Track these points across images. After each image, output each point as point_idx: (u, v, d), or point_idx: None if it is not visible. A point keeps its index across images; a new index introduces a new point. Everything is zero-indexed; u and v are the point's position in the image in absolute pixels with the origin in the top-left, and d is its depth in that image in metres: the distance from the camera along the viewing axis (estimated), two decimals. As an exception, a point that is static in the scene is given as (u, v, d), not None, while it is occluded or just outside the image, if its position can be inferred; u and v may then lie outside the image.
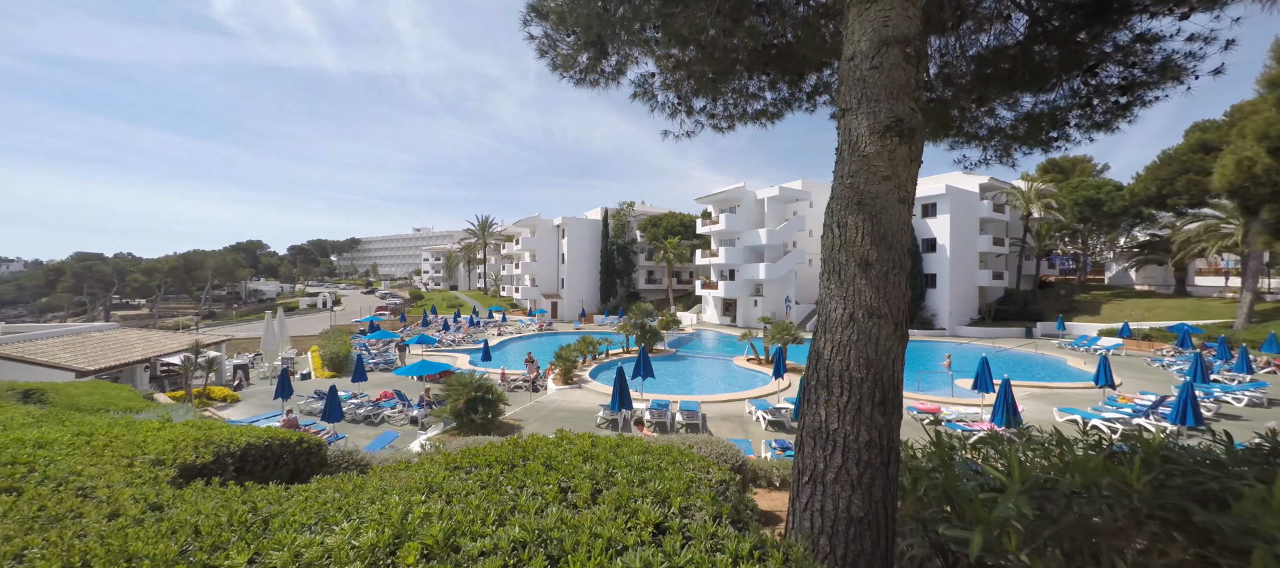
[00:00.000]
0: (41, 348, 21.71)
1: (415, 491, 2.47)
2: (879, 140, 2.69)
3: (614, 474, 2.75)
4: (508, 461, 3.07)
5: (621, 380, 12.54)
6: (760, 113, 7.74)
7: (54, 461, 3.15)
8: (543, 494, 2.45)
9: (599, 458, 3.00)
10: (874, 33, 2.79)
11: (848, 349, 2.64)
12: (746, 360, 26.49)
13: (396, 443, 14.25)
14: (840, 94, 3.02)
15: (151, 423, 4.48)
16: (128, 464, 3.23)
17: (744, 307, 45.52)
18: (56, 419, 5.18)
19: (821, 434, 2.70)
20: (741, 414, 16.42)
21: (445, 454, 3.36)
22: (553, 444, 3.46)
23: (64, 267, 69.56)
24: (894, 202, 2.68)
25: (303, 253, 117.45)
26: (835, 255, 2.78)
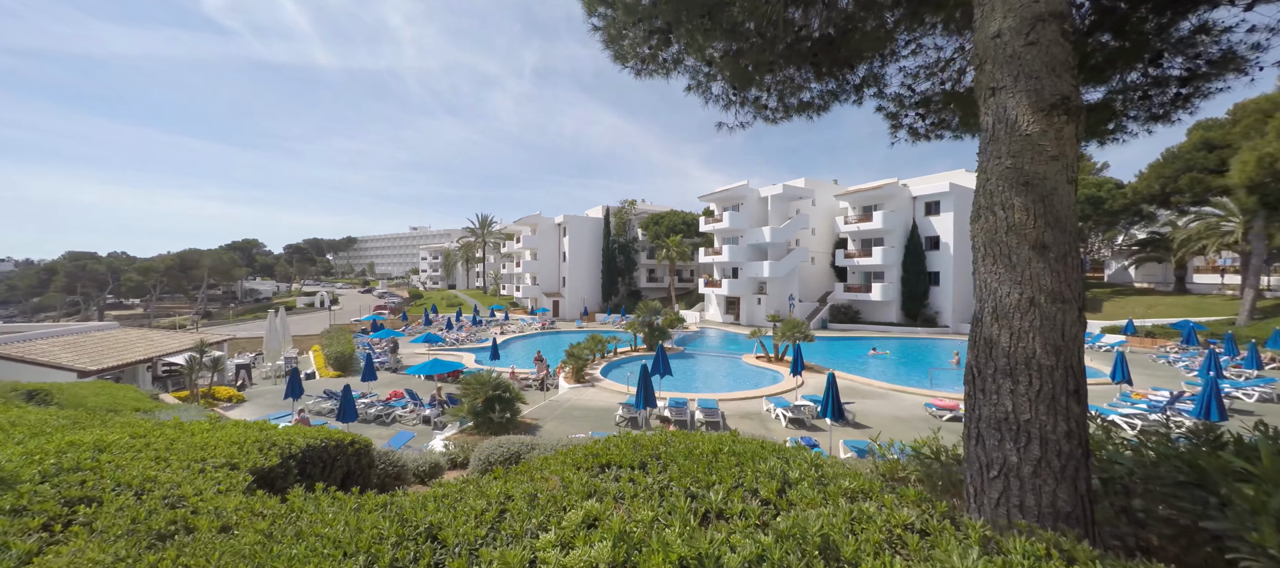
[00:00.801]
0: (41, 348, 21.32)
1: (577, 495, 2.30)
2: (1045, 119, 2.54)
3: (789, 473, 2.58)
4: (633, 461, 2.89)
5: (646, 378, 12.39)
6: (806, 104, 7.60)
7: (121, 466, 2.95)
8: (731, 494, 2.31)
9: (745, 455, 2.83)
10: (1023, 9, 2.65)
11: (1031, 336, 2.50)
12: (755, 358, 26.39)
13: (413, 443, 14.04)
14: (984, 73, 2.87)
15: (201, 424, 4.28)
16: (199, 470, 3.04)
17: (747, 305, 45.46)
18: (90, 421, 4.96)
19: (1010, 425, 2.55)
20: (759, 412, 16.30)
21: (564, 454, 3.19)
22: (664, 443, 3.27)
23: (57, 266, 68.61)
24: (1063, 182, 2.54)
25: (299, 252, 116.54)
26: (1002, 239, 2.63)
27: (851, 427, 14.95)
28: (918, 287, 41.44)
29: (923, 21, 6.18)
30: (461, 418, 14.07)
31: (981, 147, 2.93)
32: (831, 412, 11.27)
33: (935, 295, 41.62)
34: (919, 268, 41.44)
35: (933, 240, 41.88)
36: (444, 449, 10.09)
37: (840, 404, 11.32)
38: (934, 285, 41.68)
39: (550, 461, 3.15)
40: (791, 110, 7.62)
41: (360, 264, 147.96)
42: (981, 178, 2.91)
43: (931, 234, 41.90)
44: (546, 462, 3.11)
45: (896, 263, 42.44)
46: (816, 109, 7.61)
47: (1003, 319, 2.62)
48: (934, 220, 41.84)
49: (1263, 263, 32.15)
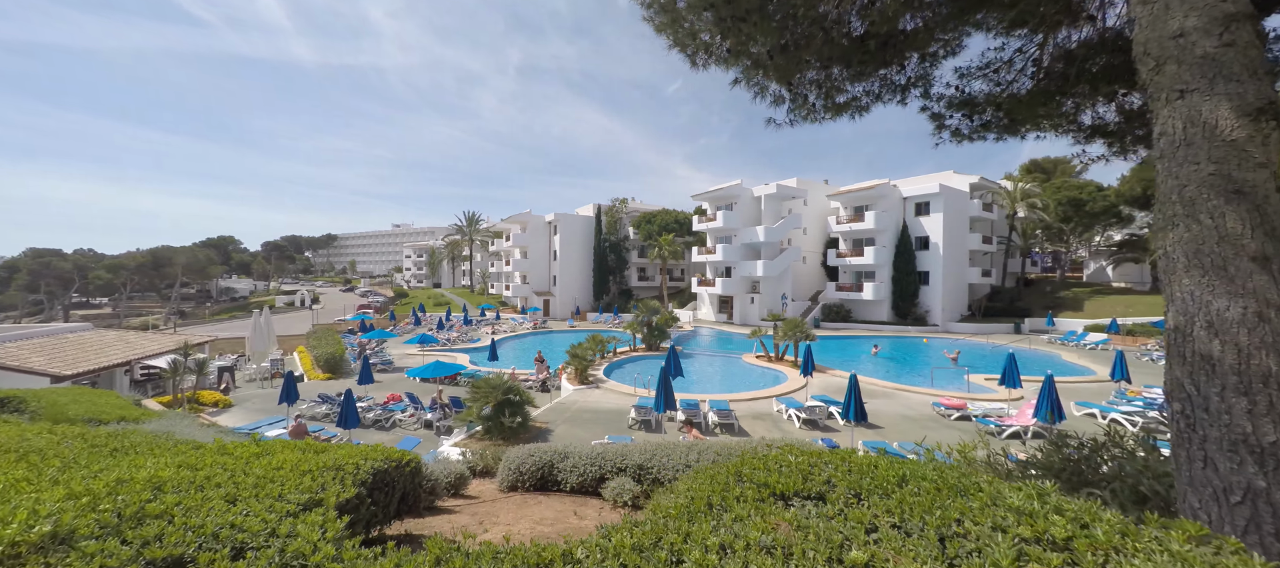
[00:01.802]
0: (10, 351, 20.12)
1: (819, 544, 1.93)
2: (1252, 124, 2.36)
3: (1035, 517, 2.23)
4: (802, 488, 2.57)
5: (666, 380, 12.13)
6: (848, 104, 7.44)
7: (192, 509, 2.52)
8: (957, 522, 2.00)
9: (943, 485, 2.48)
10: (1209, 8, 2.47)
11: (1263, 352, 2.30)
12: (756, 358, 26.35)
13: (419, 449, 13.55)
14: (1164, 74, 2.67)
15: (248, 447, 3.86)
16: (285, 511, 2.62)
17: (741, 304, 45.55)
18: (121, 446, 4.49)
19: (1251, 448, 2.35)
20: (770, 413, 16.19)
21: (706, 477, 2.88)
22: (814, 462, 2.98)
23: (18, 263, 65.34)
24: (1273, 189, 2.37)
25: (277, 250, 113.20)
26: (1212, 249, 2.44)
27: (864, 427, 14.94)
28: (908, 286, 42.02)
29: (977, 20, 6.04)
30: (469, 423, 13.64)
31: (1165, 151, 2.73)
32: (854, 413, 11.19)
33: (925, 294, 42.26)
34: (909, 267, 42.01)
35: (923, 240, 42.49)
36: (462, 457, 9.70)
37: (862, 405, 11.25)
38: (924, 285, 42.31)
39: (697, 485, 2.84)
40: (834, 109, 7.45)
41: (341, 262, 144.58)
42: (1171, 184, 2.71)
43: (922, 234, 42.51)
44: (696, 487, 2.80)
45: (887, 262, 42.95)
46: (860, 109, 7.45)
47: (1224, 334, 2.43)
48: (924, 221, 42.45)
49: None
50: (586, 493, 7.40)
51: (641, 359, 26.53)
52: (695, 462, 7.00)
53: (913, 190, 42.93)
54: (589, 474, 7.33)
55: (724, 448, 7.15)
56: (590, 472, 7.33)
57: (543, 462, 7.59)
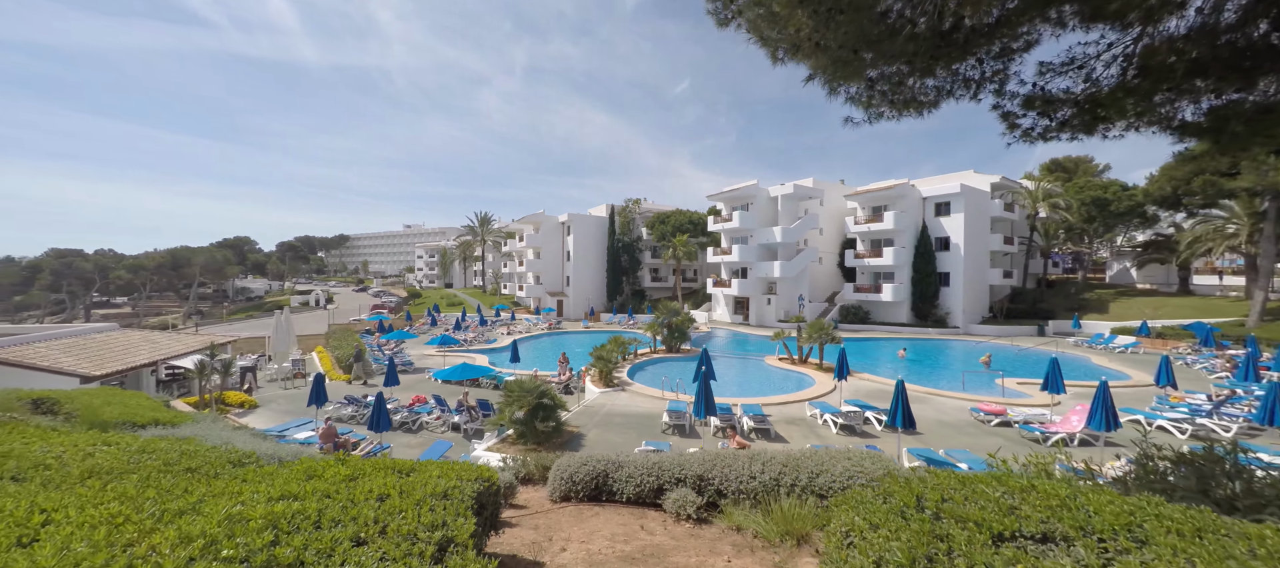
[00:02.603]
0: (41, 351, 20.29)
1: None
2: None
3: None
4: (1025, 528, 2.25)
5: (706, 385, 11.86)
6: (914, 101, 7.16)
7: (322, 552, 2.26)
8: None
9: None
10: None
11: None
12: (778, 360, 26.00)
13: (450, 454, 13.41)
14: None
15: (336, 469, 3.62)
16: (425, 554, 2.36)
17: (757, 305, 45.16)
18: (193, 464, 4.26)
19: None
20: (804, 418, 15.87)
21: (881, 502, 2.61)
22: (1023, 493, 2.69)
23: (41, 263, 66.46)
24: None
25: (291, 250, 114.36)
26: None
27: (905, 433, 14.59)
28: (928, 287, 41.41)
29: (1073, 10, 5.73)
30: (500, 426, 13.47)
31: None
32: (901, 419, 10.87)
33: (945, 296, 41.64)
34: (929, 269, 41.41)
35: (943, 241, 41.87)
36: (503, 464, 9.50)
37: (909, 411, 10.93)
38: (944, 286, 41.70)
39: (875, 519, 2.56)
40: (901, 107, 7.18)
41: (353, 262, 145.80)
42: None
43: (942, 235, 41.89)
44: (879, 525, 2.53)
45: (907, 263, 42.37)
46: (927, 106, 7.17)
47: None
48: (944, 221, 41.82)
49: (1271, 265, 32.44)
50: (644, 504, 7.16)
51: (663, 361, 26.28)
52: (759, 473, 6.75)
53: (932, 190, 42.31)
54: (646, 485, 7.10)
55: (789, 459, 6.87)
56: (647, 482, 7.10)
57: (597, 471, 7.36)
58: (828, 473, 6.35)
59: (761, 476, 6.73)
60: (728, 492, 6.78)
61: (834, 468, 6.42)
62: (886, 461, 6.72)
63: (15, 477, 3.44)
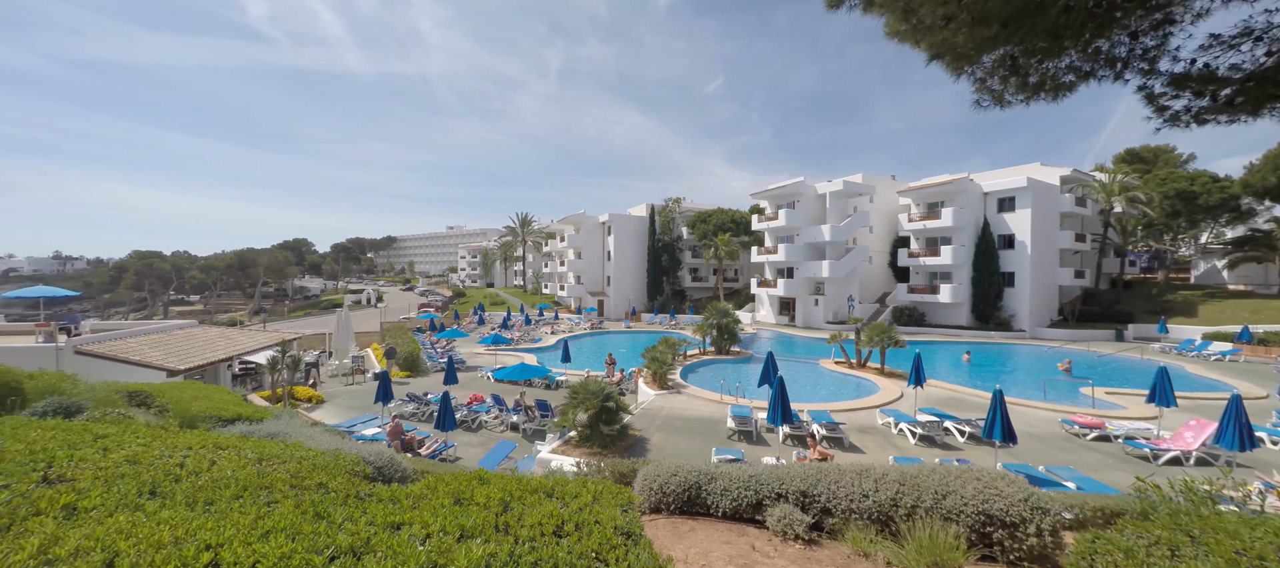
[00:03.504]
0: (132, 346, 21.77)
1: None
2: None
3: None
4: None
5: (782, 392, 11.33)
6: (1041, 84, 6.47)
7: None
8: None
9: None
10: None
11: None
12: (834, 364, 24.99)
13: (513, 456, 13.41)
14: None
15: (488, 491, 3.40)
16: None
17: (804, 306, 43.85)
18: (327, 480, 4.13)
19: None
20: (874, 426, 15.05)
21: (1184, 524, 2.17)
22: None
23: (126, 264, 72.13)
24: None
25: (344, 251, 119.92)
26: None
27: (991, 446, 13.60)
28: (990, 288, 39.08)
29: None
30: (563, 429, 13.37)
31: None
32: (999, 431, 10.00)
33: (1010, 298, 39.19)
34: (991, 268, 39.08)
35: (1006, 239, 39.43)
36: (577, 469, 9.29)
37: (1009, 423, 10.04)
38: (1008, 287, 39.25)
39: None
40: (1033, 90, 6.50)
41: (400, 262, 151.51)
42: None
43: (1005, 232, 39.45)
44: None
45: (966, 263, 40.13)
46: (1063, 89, 6.46)
47: None
48: (1008, 218, 39.36)
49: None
50: (740, 520, 6.77)
51: (713, 363, 25.75)
52: (873, 491, 6.25)
53: (994, 184, 39.88)
54: (744, 499, 6.70)
55: (904, 476, 6.32)
56: (745, 497, 6.70)
57: (689, 482, 7.02)
58: (956, 495, 5.78)
59: (875, 494, 6.22)
60: (836, 510, 6.31)
61: (962, 489, 5.84)
62: (1019, 482, 6.07)
63: (153, 491, 3.35)
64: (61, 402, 9.31)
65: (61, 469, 3.82)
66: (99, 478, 3.49)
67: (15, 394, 10.80)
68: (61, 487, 3.24)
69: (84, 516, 2.68)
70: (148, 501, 3.04)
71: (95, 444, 4.75)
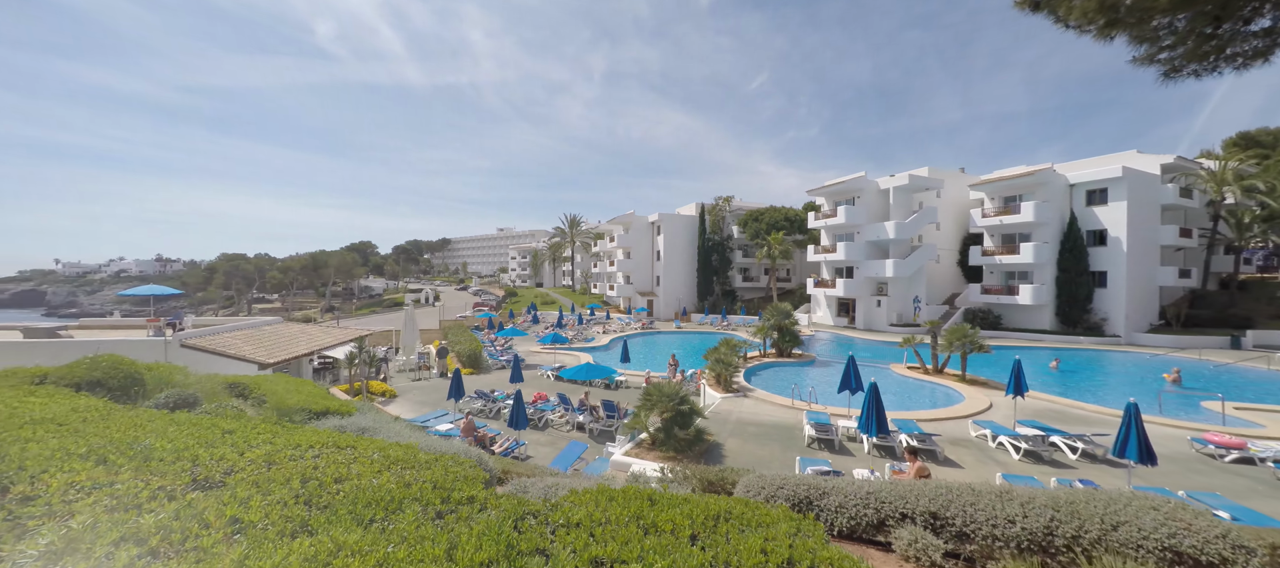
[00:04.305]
0: (227, 341, 23.49)
1: None
2: None
3: None
4: None
5: (876, 399, 10.57)
6: (1224, 46, 5.53)
7: None
8: None
9: None
10: None
11: None
12: (907, 369, 23.51)
13: (585, 457, 13.30)
14: None
15: (686, 508, 3.07)
16: None
17: (865, 307, 41.82)
18: (474, 497, 3.91)
19: None
20: (967, 437, 13.88)
21: None
22: None
23: (216, 266, 78.88)
24: None
25: (404, 252, 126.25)
26: None
27: (1117, 465, 12.20)
28: (1078, 289, 35.79)
29: None
30: (634, 431, 13.13)
31: None
32: (1135, 450, 8.79)
33: (1101, 299, 35.74)
34: (1079, 267, 35.79)
35: (1097, 235, 35.99)
36: (660, 475, 8.96)
37: (1146, 441, 8.80)
38: (1099, 287, 35.81)
39: None
40: (1211, 58, 5.58)
41: (454, 263, 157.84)
42: None
43: (1096, 227, 36.02)
44: None
45: (1049, 261, 36.98)
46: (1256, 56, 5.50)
47: None
48: (1099, 211, 35.89)
49: None
50: (857, 540, 6.21)
51: (775, 366, 24.86)
52: (1020, 517, 5.54)
53: (1083, 175, 36.47)
54: (863, 518, 6.14)
55: (1054, 500, 5.57)
56: (865, 515, 6.14)
57: (799, 497, 6.52)
58: (1131, 526, 4.99)
59: (1023, 520, 5.51)
60: (975, 536, 5.64)
61: (1138, 519, 5.04)
62: (1205, 513, 5.20)
63: (309, 501, 3.15)
64: (180, 394, 9.95)
65: (206, 470, 3.84)
66: (247, 481, 3.46)
67: (137, 384, 11.67)
68: (216, 493, 3.20)
69: (257, 534, 2.55)
70: (315, 514, 2.91)
71: (226, 441, 4.84)
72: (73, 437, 4.67)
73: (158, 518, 2.53)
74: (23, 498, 3.21)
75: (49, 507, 3.02)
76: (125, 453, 3.89)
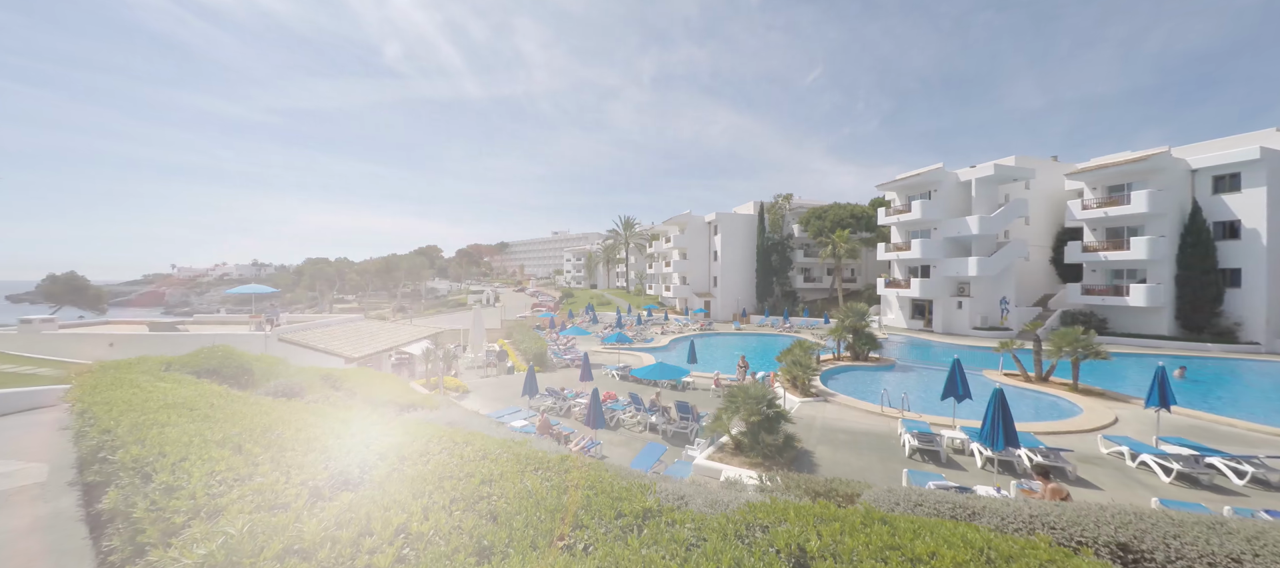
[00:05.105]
0: (318, 335, 25.09)
1: None
2: None
3: None
4: None
5: (1003, 406, 9.35)
6: None
7: None
8: None
9: None
10: None
11: None
12: (1005, 376, 21.34)
13: (664, 459, 12.83)
14: None
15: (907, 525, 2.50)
16: None
17: (944, 309, 38.83)
18: (652, 510, 3.48)
19: None
20: (1095, 454, 12.17)
21: None
22: None
23: (302, 269, 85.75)
24: None
25: (466, 255, 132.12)
26: None
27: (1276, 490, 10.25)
28: (1205, 290, 31.41)
29: None
30: (715, 435, 12.52)
31: None
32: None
33: (1234, 301, 31.18)
34: (1205, 264, 31.40)
35: (1227, 227, 31.45)
36: (759, 483, 8.30)
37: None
38: (1231, 287, 31.26)
39: None
40: None
41: (511, 266, 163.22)
42: None
43: (1226, 218, 31.48)
44: None
45: (1167, 258, 32.74)
46: None
47: None
48: (1230, 200, 31.35)
49: None
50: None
51: (852, 370, 23.35)
52: (1247, 556, 4.49)
53: (1208, 159, 31.98)
54: (1030, 546, 5.21)
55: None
56: (1033, 543, 5.21)
57: (938, 512, 5.69)
58: None
59: (1253, 563, 4.45)
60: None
61: None
62: None
63: (486, 512, 2.72)
64: (287, 383, 10.40)
65: (339, 462, 3.65)
66: (391, 480, 3.22)
67: (247, 373, 12.38)
68: (368, 494, 2.95)
69: (437, 553, 2.19)
70: (486, 525, 2.53)
71: (347, 431, 4.72)
72: (205, 422, 4.72)
73: (320, 524, 2.25)
74: (166, 488, 3.11)
75: (193, 500, 2.89)
76: (259, 441, 3.81)
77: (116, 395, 6.12)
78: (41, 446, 8.25)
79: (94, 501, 4.99)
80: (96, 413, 5.52)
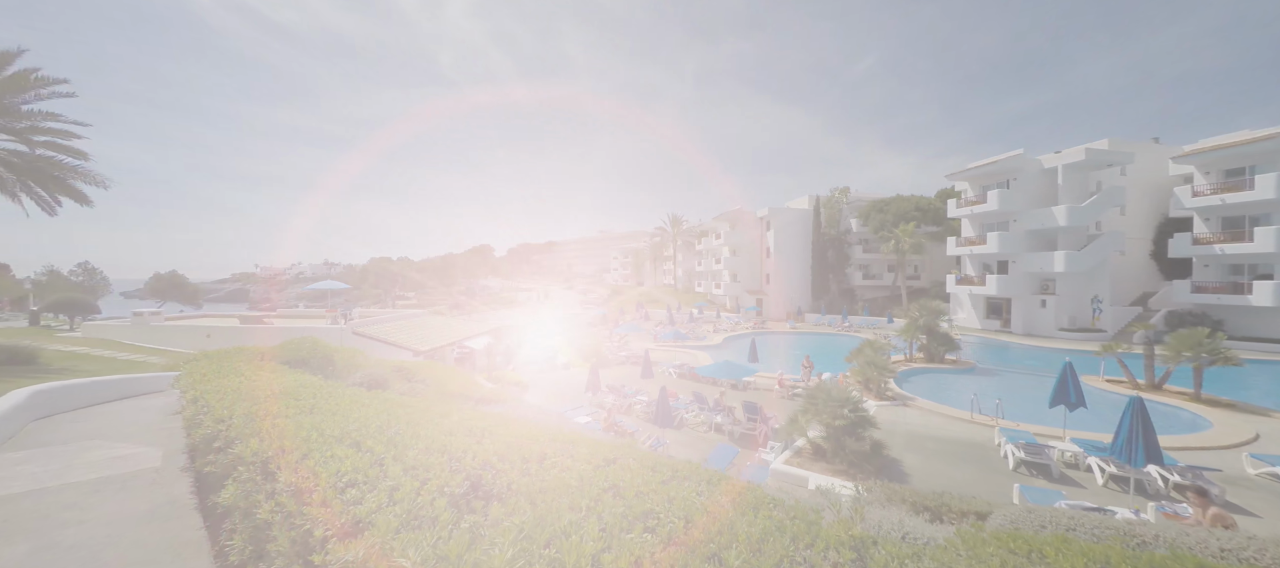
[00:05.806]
0: (388, 329, 26.22)
1: None
2: None
3: None
4: None
5: (1143, 416, 8.21)
6: None
7: None
8: None
9: None
10: None
11: None
12: (1106, 382, 19.23)
13: (737, 461, 12.29)
14: None
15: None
16: None
17: (1025, 308, 35.83)
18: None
19: None
20: (1240, 474, 10.55)
21: None
22: None
23: (367, 268, 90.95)
24: None
25: (516, 254, 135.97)
26: None
27: None
28: (1351, 286, 27.20)
29: None
30: (791, 438, 11.85)
31: None
32: None
33: (1390, 299, 26.81)
34: (1351, 257, 27.17)
35: (1383, 214, 27.07)
36: (855, 493, 7.61)
37: None
38: (1386, 284, 26.90)
39: None
40: None
41: (559, 264, 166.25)
42: None
43: (1380, 204, 27.12)
44: None
45: (1301, 250, 28.60)
46: None
47: None
48: (1387, 183, 26.96)
49: None
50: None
51: (929, 372, 21.83)
52: None
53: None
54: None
55: None
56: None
57: (1100, 538, 4.88)
58: None
59: None
60: None
61: None
62: None
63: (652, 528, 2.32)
64: (372, 374, 10.65)
65: (464, 465, 3.39)
66: (530, 492, 2.91)
67: (330, 364, 12.88)
68: (509, 504, 2.67)
69: None
70: (653, 543, 2.18)
71: (461, 429, 4.51)
72: (314, 414, 4.67)
73: (493, 552, 1.94)
74: (294, 490, 2.94)
75: (327, 507, 2.70)
76: (378, 438, 3.66)
77: (226, 384, 6.31)
78: (153, 430, 8.79)
79: (207, 490, 5.07)
80: (210, 401, 5.66)
